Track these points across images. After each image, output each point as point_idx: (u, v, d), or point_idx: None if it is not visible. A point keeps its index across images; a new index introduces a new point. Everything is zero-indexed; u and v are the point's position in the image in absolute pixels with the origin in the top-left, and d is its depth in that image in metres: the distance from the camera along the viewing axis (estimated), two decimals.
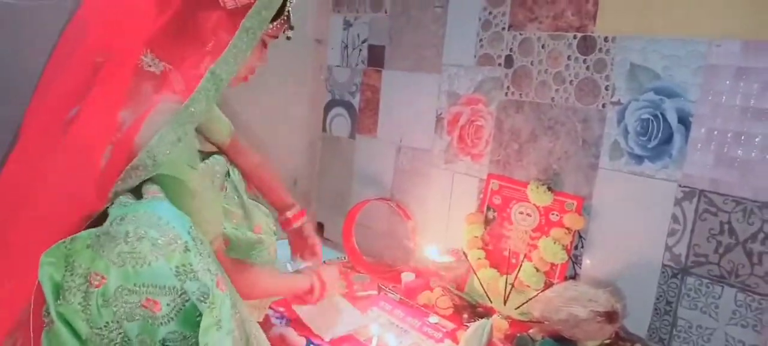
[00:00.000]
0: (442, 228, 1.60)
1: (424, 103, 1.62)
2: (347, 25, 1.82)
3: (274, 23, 0.94)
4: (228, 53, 0.85)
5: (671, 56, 1.17)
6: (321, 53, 1.90)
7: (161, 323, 0.75)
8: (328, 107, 1.92)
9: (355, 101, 1.83)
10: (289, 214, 1.29)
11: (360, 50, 1.79)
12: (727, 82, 1.11)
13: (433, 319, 1.33)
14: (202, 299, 0.76)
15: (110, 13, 0.85)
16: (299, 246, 1.32)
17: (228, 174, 1.20)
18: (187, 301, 0.76)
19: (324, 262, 1.41)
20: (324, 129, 1.94)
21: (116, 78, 0.82)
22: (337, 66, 1.87)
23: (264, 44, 0.98)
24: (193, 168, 0.88)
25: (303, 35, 1.87)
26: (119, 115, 0.82)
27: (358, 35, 1.79)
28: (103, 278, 0.75)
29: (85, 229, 0.80)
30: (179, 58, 0.89)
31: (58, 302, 0.76)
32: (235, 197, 1.20)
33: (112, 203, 0.84)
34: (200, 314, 0.75)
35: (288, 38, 0.99)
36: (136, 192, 0.85)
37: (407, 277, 1.50)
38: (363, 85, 1.80)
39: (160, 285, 0.76)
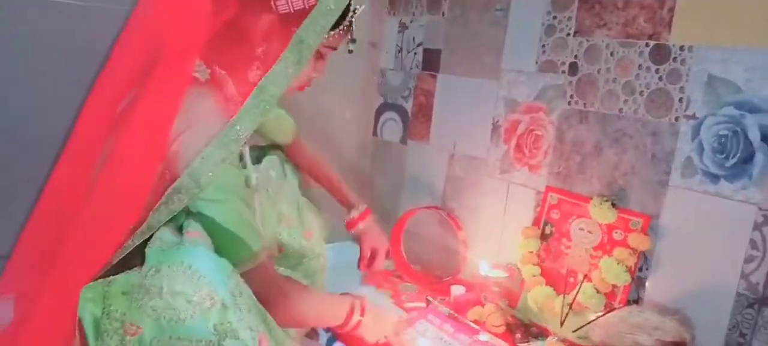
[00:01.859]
0: (495, 241, 1.53)
1: (481, 109, 1.56)
2: (403, 27, 1.78)
3: (333, 33, 0.86)
4: (278, 66, 0.78)
5: (755, 68, 1.08)
6: (374, 56, 1.87)
7: None
8: (380, 111, 1.89)
9: (408, 106, 1.79)
10: (354, 213, 1.27)
11: (415, 54, 1.75)
12: None
13: (484, 336, 1.27)
14: None
15: (167, 12, 0.79)
16: (362, 254, 1.30)
17: (284, 173, 1.18)
18: None
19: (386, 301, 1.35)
20: (375, 133, 1.91)
21: (169, 87, 0.76)
22: (391, 69, 1.83)
23: (321, 55, 0.90)
24: (239, 187, 0.84)
25: (357, 37, 1.84)
26: (172, 130, 0.77)
27: (414, 38, 1.75)
28: (138, 328, 0.73)
29: (127, 243, 0.77)
30: (227, 65, 0.83)
31: (98, 342, 0.75)
32: (290, 199, 1.17)
33: (151, 239, 0.81)
34: None
35: (350, 51, 0.92)
36: (179, 217, 0.81)
37: (457, 290, 1.45)
38: (417, 89, 1.75)
39: (196, 339, 0.73)
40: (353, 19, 0.89)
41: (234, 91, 0.82)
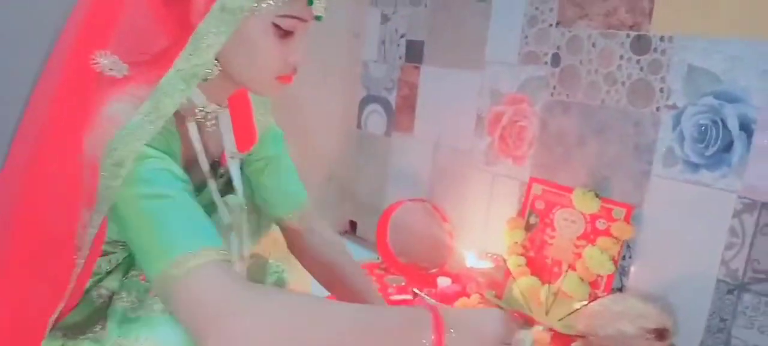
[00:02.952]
0: (480, 232, 1.55)
1: (464, 101, 1.57)
2: (385, 19, 1.77)
3: (270, 2, 0.69)
4: (195, 38, 0.66)
5: (734, 58, 1.10)
6: (357, 47, 1.86)
7: None
8: (364, 103, 1.88)
9: (392, 98, 1.78)
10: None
11: (398, 45, 1.74)
12: None
13: None
14: None
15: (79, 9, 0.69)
16: None
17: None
18: None
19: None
20: (358, 125, 1.91)
21: (74, 87, 0.67)
22: (374, 61, 1.83)
23: (287, 33, 0.73)
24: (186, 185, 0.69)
25: (338, 28, 1.84)
26: (83, 137, 0.66)
27: (396, 30, 1.74)
28: None
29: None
30: (145, 55, 0.70)
31: None
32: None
33: (116, 298, 0.74)
34: None
35: (317, 18, 0.75)
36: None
37: (444, 282, 1.46)
38: (400, 81, 1.75)
39: None
40: None
41: (150, 81, 0.69)
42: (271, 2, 0.69)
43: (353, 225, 1.95)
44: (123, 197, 0.64)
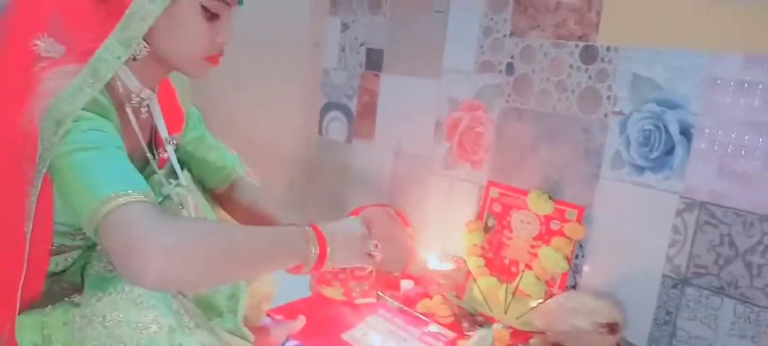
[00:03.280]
0: (440, 235, 1.59)
1: (424, 108, 1.61)
2: (345, 27, 1.80)
3: None
4: (129, 13, 0.72)
5: (674, 68, 1.17)
6: (317, 55, 1.89)
7: None
8: (324, 110, 1.90)
9: (353, 105, 1.81)
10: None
11: (358, 53, 1.78)
12: (729, 95, 1.12)
13: (433, 328, 1.32)
14: None
15: None
16: None
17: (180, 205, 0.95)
18: None
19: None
20: (320, 132, 1.93)
21: (15, 69, 0.72)
22: (334, 69, 1.85)
23: (212, 15, 0.79)
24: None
25: (299, 37, 1.86)
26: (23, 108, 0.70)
27: (356, 38, 1.77)
28: None
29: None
30: (79, 38, 0.74)
31: None
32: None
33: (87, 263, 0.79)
34: None
35: (240, 2, 0.83)
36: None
37: (406, 284, 1.49)
38: (361, 88, 1.78)
39: None
40: None
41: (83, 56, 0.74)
42: None
43: None
44: (59, 153, 0.68)
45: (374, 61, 1.73)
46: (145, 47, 0.78)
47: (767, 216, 1.08)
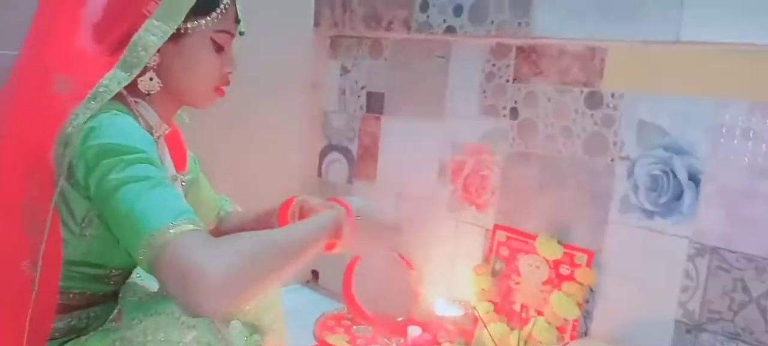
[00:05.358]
0: (446, 279, 1.58)
1: (426, 151, 1.61)
2: (344, 70, 1.81)
3: (209, 17, 0.83)
4: (131, 46, 0.77)
5: (679, 114, 1.19)
6: (317, 98, 1.89)
7: None
8: (324, 152, 1.90)
9: (353, 147, 1.81)
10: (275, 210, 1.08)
11: (358, 96, 1.78)
12: (735, 141, 1.13)
13: None
14: None
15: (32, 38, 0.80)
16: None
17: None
18: None
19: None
20: (319, 174, 1.92)
21: (34, 102, 0.78)
22: (334, 111, 1.85)
23: (219, 47, 0.85)
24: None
25: (299, 79, 1.86)
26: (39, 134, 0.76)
27: (356, 81, 1.78)
28: None
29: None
30: (88, 70, 0.79)
31: None
32: None
33: (124, 295, 0.82)
34: None
35: (241, 33, 0.90)
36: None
37: (414, 331, 1.47)
38: (361, 131, 1.78)
39: None
40: (235, 2, 0.87)
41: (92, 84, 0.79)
42: (205, 20, 0.83)
43: (315, 275, 1.94)
44: (107, 187, 0.70)
45: (375, 104, 1.74)
46: (158, 83, 0.83)
47: None
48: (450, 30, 1.51)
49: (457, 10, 1.49)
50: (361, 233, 0.94)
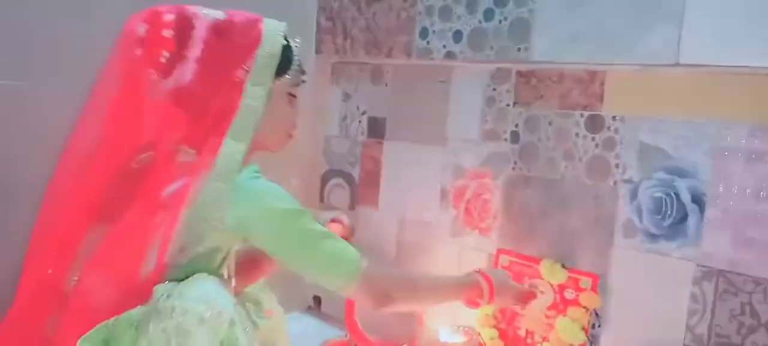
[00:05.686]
0: (450, 306, 1.56)
1: (428, 175, 1.61)
2: (346, 96, 1.81)
3: (288, 75, 0.98)
4: (240, 114, 0.89)
5: (680, 136, 1.19)
6: (318, 124, 1.89)
7: None
8: (326, 178, 1.90)
9: (355, 172, 1.81)
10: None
11: (360, 122, 1.78)
12: (738, 164, 1.13)
13: None
14: None
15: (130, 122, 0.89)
16: None
17: None
18: None
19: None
20: (321, 199, 1.91)
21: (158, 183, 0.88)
22: (336, 136, 1.86)
23: (292, 96, 1.03)
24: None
25: (300, 105, 1.86)
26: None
27: (358, 107, 1.78)
28: None
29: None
30: (206, 140, 0.90)
31: None
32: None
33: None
34: None
35: (303, 81, 1.05)
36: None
37: None
38: (363, 156, 1.78)
39: None
40: (297, 56, 1.00)
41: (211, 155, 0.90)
42: (285, 77, 0.97)
43: (318, 301, 1.92)
44: (303, 243, 0.95)
45: (376, 128, 1.74)
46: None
47: None
48: (450, 56, 1.52)
49: (457, 36, 1.50)
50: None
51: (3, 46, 1.23)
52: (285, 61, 0.96)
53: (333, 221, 1.32)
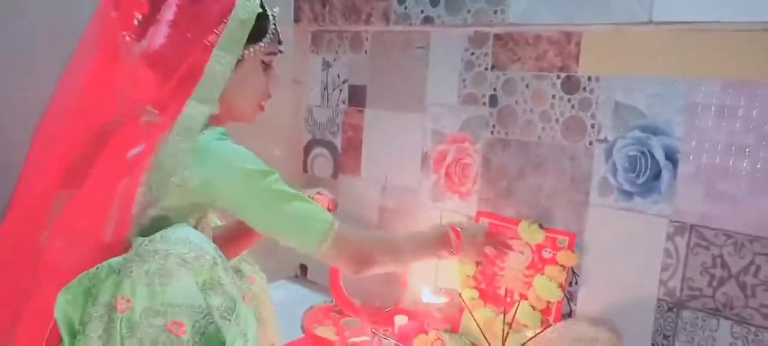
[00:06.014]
0: (431, 268, 1.58)
1: (409, 141, 1.62)
2: (326, 65, 1.81)
3: (261, 44, 0.96)
4: (205, 77, 0.88)
5: (654, 95, 1.20)
6: (299, 93, 1.89)
7: None
8: (309, 147, 1.90)
9: (337, 141, 1.81)
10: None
11: (340, 90, 1.78)
12: (710, 120, 1.14)
13: None
14: (226, 315, 0.80)
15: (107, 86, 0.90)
16: None
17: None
18: (211, 323, 0.79)
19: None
20: (305, 169, 1.92)
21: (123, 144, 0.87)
22: (317, 106, 1.86)
23: (266, 66, 1.00)
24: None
25: (281, 75, 1.86)
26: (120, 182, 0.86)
27: (338, 75, 1.78)
28: (129, 300, 0.77)
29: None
30: (170, 102, 0.90)
31: (77, 338, 0.78)
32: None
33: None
34: (223, 343, 0.79)
35: (280, 52, 1.03)
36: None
37: (400, 320, 1.48)
38: (345, 124, 1.78)
39: (186, 304, 0.78)
40: (275, 25, 0.99)
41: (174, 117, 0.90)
42: (259, 46, 0.96)
43: (304, 269, 1.94)
44: (270, 201, 0.94)
45: (357, 97, 1.74)
46: (217, 107, 0.93)
47: (757, 237, 1.10)
48: (428, 20, 1.52)
49: (434, 1, 1.49)
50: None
51: None
52: (259, 29, 0.95)
53: (316, 195, 1.32)
